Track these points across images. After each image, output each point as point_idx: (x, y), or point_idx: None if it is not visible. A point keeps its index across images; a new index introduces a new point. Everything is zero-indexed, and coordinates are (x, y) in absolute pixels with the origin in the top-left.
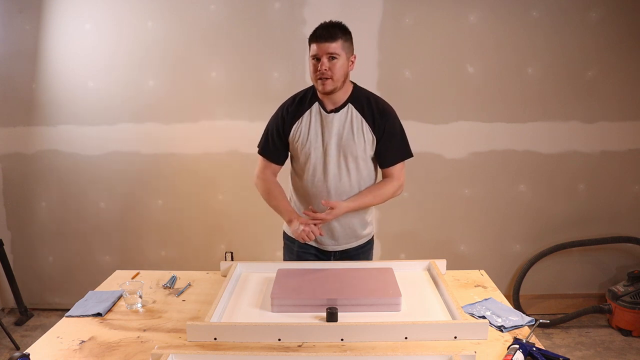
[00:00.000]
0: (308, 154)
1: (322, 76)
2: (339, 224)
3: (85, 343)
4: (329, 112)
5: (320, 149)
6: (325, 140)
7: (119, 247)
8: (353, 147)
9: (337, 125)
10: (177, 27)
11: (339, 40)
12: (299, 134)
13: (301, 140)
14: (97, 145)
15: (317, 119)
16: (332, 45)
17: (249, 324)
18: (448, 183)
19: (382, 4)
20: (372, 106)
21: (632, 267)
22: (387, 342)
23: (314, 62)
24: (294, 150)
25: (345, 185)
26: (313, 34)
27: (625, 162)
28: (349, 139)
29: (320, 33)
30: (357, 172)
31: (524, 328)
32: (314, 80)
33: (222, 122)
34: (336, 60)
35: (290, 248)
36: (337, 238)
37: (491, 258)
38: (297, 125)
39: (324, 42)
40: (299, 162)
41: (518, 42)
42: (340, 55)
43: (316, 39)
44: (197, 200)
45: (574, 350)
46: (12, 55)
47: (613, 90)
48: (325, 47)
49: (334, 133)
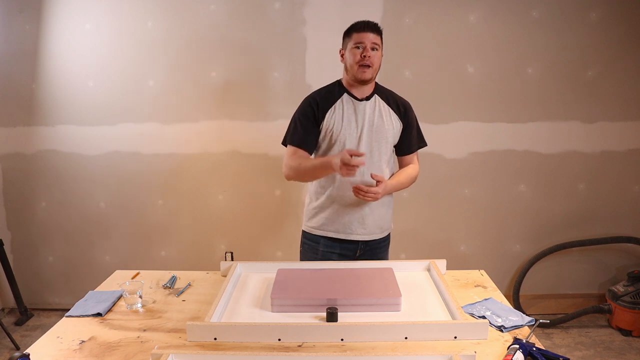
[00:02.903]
0: (343, 140)
1: (364, 62)
2: (370, 211)
3: (85, 343)
4: (360, 101)
5: (354, 135)
6: (359, 127)
7: (119, 247)
8: (384, 132)
9: (369, 112)
10: (177, 27)
11: (379, 35)
12: (333, 121)
13: (336, 127)
14: (97, 145)
15: (350, 106)
16: (375, 36)
17: (249, 324)
18: (448, 183)
19: (382, 4)
20: (395, 98)
21: (632, 267)
22: (387, 342)
23: (356, 51)
24: (327, 137)
25: (377, 168)
26: (357, 26)
27: (625, 162)
28: (379, 124)
29: (365, 24)
30: (387, 157)
31: (524, 328)
32: (354, 67)
33: (222, 122)
34: (377, 51)
35: (314, 248)
36: (367, 226)
37: (491, 258)
38: (331, 113)
39: (370, 32)
40: (330, 151)
41: (518, 42)
42: (380, 47)
43: (362, 29)
44: (197, 200)
45: (574, 350)
46: (12, 55)
47: (613, 90)
48: (371, 37)
49: (367, 119)
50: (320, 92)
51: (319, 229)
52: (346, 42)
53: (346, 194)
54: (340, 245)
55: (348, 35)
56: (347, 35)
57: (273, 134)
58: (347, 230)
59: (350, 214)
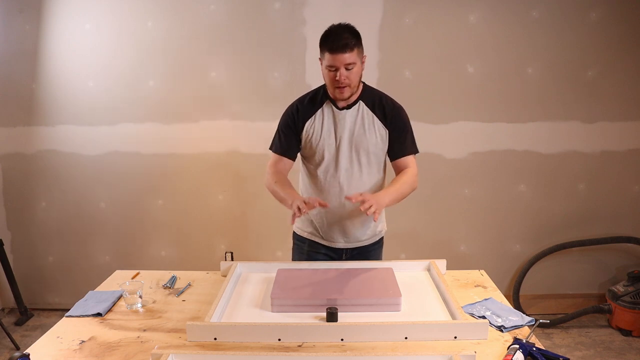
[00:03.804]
0: (322, 151)
1: (340, 85)
2: (352, 223)
3: (85, 343)
4: (341, 109)
5: (333, 145)
6: (338, 137)
7: (119, 247)
8: (365, 142)
9: (350, 122)
10: (177, 27)
11: (355, 49)
12: (312, 130)
13: (315, 137)
14: (97, 145)
15: (330, 116)
16: (349, 56)
17: (249, 324)
18: (448, 183)
19: (382, 4)
20: (383, 102)
21: (632, 267)
22: (387, 342)
23: (330, 72)
24: (307, 147)
25: (357, 179)
26: (327, 44)
27: (625, 162)
28: (360, 134)
29: (335, 45)
30: (369, 167)
31: (524, 328)
32: (331, 88)
33: (222, 122)
34: (353, 68)
35: (300, 248)
36: (350, 237)
37: (491, 258)
38: (311, 123)
39: (340, 53)
40: (312, 159)
41: (518, 42)
42: (356, 63)
43: (332, 51)
44: (197, 200)
45: (574, 350)
46: (12, 55)
47: (613, 90)
48: (342, 59)
49: (346, 129)
50: (303, 100)
51: (305, 231)
52: (321, 53)
53: (330, 197)
54: (326, 249)
55: (321, 49)
56: (320, 48)
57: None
58: (330, 239)
59: (333, 224)
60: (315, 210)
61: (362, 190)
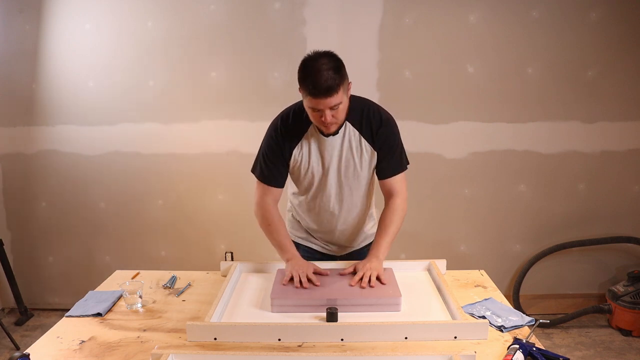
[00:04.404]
0: (310, 177)
1: (326, 124)
2: (341, 234)
3: (85, 343)
4: (327, 136)
5: (321, 172)
6: (326, 163)
7: (119, 247)
8: (352, 166)
9: (337, 148)
10: (177, 27)
11: (339, 89)
12: (300, 158)
13: (303, 165)
14: (97, 145)
15: (316, 142)
16: (333, 99)
17: (249, 324)
18: (448, 183)
19: (382, 4)
20: (370, 117)
21: (632, 267)
22: (387, 342)
23: (314, 113)
24: (294, 172)
25: (348, 201)
26: (307, 86)
27: (625, 162)
28: (348, 159)
29: (316, 90)
30: (358, 188)
31: (524, 328)
32: (316, 124)
33: (222, 122)
34: (339, 107)
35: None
36: (340, 246)
37: (491, 258)
38: (298, 151)
39: (324, 98)
40: (299, 184)
41: (518, 42)
42: (342, 101)
43: (314, 95)
44: (197, 200)
45: (574, 350)
46: (12, 55)
47: (613, 90)
48: (326, 103)
49: (334, 156)
50: (287, 121)
51: (299, 237)
52: (301, 91)
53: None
54: (321, 255)
55: (301, 86)
56: (300, 85)
57: None
58: (324, 247)
59: (321, 234)
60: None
61: (352, 209)
